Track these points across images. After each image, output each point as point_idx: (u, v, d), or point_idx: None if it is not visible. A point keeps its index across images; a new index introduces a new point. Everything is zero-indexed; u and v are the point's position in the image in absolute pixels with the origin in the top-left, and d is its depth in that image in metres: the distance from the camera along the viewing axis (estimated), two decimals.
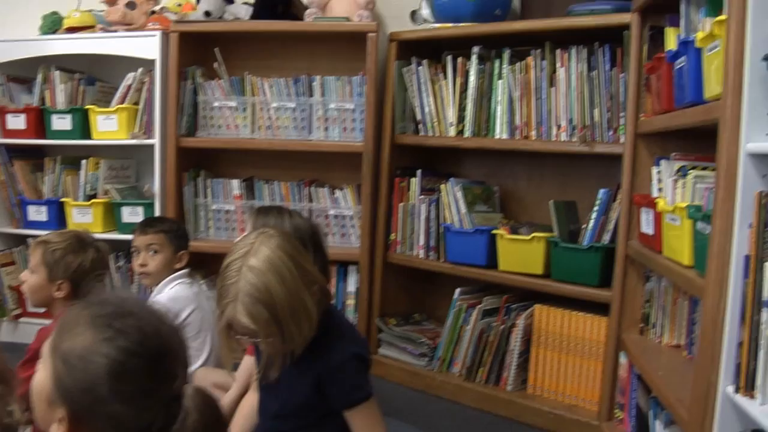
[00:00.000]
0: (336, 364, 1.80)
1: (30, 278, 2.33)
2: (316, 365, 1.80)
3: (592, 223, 2.76)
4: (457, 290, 3.15)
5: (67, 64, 3.73)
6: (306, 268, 1.74)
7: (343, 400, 1.83)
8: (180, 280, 2.81)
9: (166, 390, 1.10)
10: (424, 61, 3.24)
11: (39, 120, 3.67)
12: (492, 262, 3.03)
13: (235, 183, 3.52)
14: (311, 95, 3.40)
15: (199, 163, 3.58)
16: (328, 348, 1.81)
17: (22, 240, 3.75)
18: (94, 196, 3.60)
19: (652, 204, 2.23)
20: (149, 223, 2.89)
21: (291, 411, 1.87)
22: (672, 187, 2.07)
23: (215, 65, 3.48)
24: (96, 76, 3.78)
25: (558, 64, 2.89)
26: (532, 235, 2.91)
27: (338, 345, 1.83)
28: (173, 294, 2.76)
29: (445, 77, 3.20)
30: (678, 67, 1.97)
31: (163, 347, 1.12)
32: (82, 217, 3.55)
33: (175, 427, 1.08)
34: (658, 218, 2.17)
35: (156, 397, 1.09)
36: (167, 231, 2.84)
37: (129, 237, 2.91)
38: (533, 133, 2.95)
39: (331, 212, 3.45)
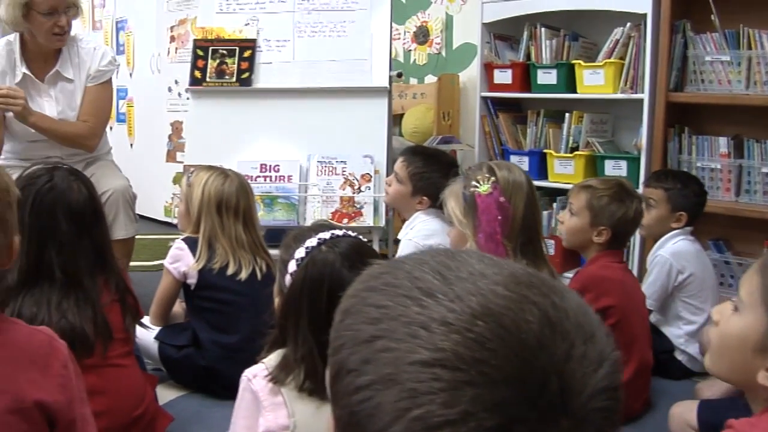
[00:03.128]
0: None
1: (570, 220, 2.55)
2: None
3: None
4: None
5: (547, 20, 3.99)
6: None
7: None
8: (683, 237, 2.92)
9: None
10: None
11: (524, 75, 4.01)
12: None
13: (722, 141, 3.55)
14: None
15: (682, 118, 3.65)
16: None
17: None
18: (575, 149, 3.83)
19: None
20: (655, 176, 3.05)
21: None
22: None
23: (712, 17, 3.49)
24: (577, 31, 4.00)
25: None
26: None
27: None
28: (676, 249, 2.90)
29: None
30: None
31: None
32: (564, 169, 3.82)
33: None
34: None
35: None
36: (668, 188, 2.96)
37: None
38: None
39: None
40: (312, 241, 1.55)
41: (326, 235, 1.56)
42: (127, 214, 3.20)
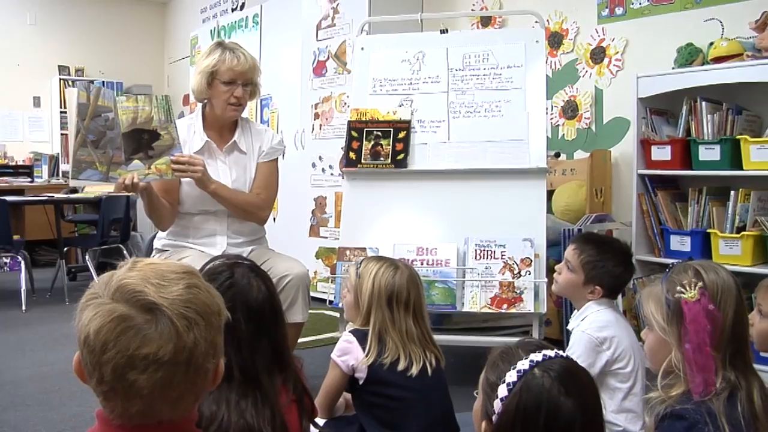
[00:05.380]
0: None
1: (761, 323, 2.20)
2: None
3: None
4: None
5: (707, 94, 3.80)
6: None
7: None
8: None
9: None
10: None
11: (684, 151, 3.82)
12: None
13: None
14: None
15: None
16: None
17: (662, 268, 3.90)
18: (742, 229, 3.60)
19: None
20: None
21: None
22: None
23: None
24: (740, 104, 3.79)
25: None
26: None
27: None
28: None
29: None
30: None
31: None
32: (729, 250, 3.60)
33: None
34: None
35: None
36: None
37: None
38: None
39: None
40: (523, 364, 1.41)
41: (538, 356, 1.43)
42: (305, 298, 3.26)
